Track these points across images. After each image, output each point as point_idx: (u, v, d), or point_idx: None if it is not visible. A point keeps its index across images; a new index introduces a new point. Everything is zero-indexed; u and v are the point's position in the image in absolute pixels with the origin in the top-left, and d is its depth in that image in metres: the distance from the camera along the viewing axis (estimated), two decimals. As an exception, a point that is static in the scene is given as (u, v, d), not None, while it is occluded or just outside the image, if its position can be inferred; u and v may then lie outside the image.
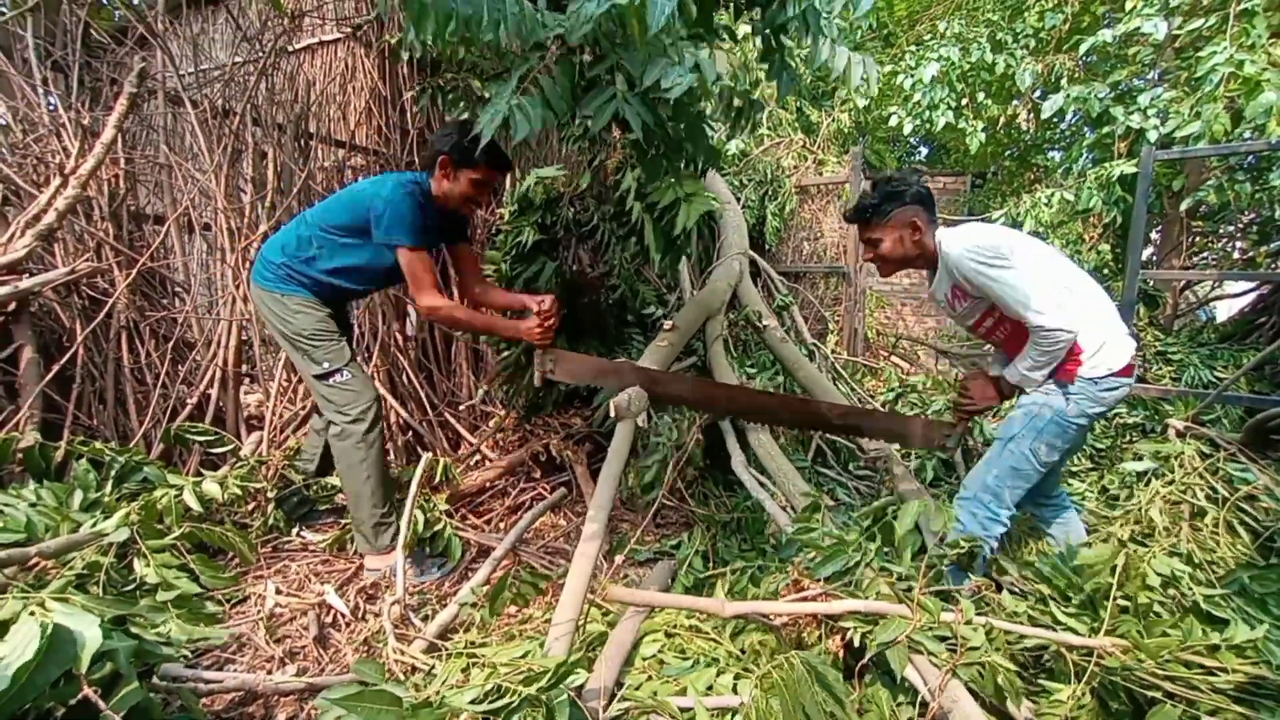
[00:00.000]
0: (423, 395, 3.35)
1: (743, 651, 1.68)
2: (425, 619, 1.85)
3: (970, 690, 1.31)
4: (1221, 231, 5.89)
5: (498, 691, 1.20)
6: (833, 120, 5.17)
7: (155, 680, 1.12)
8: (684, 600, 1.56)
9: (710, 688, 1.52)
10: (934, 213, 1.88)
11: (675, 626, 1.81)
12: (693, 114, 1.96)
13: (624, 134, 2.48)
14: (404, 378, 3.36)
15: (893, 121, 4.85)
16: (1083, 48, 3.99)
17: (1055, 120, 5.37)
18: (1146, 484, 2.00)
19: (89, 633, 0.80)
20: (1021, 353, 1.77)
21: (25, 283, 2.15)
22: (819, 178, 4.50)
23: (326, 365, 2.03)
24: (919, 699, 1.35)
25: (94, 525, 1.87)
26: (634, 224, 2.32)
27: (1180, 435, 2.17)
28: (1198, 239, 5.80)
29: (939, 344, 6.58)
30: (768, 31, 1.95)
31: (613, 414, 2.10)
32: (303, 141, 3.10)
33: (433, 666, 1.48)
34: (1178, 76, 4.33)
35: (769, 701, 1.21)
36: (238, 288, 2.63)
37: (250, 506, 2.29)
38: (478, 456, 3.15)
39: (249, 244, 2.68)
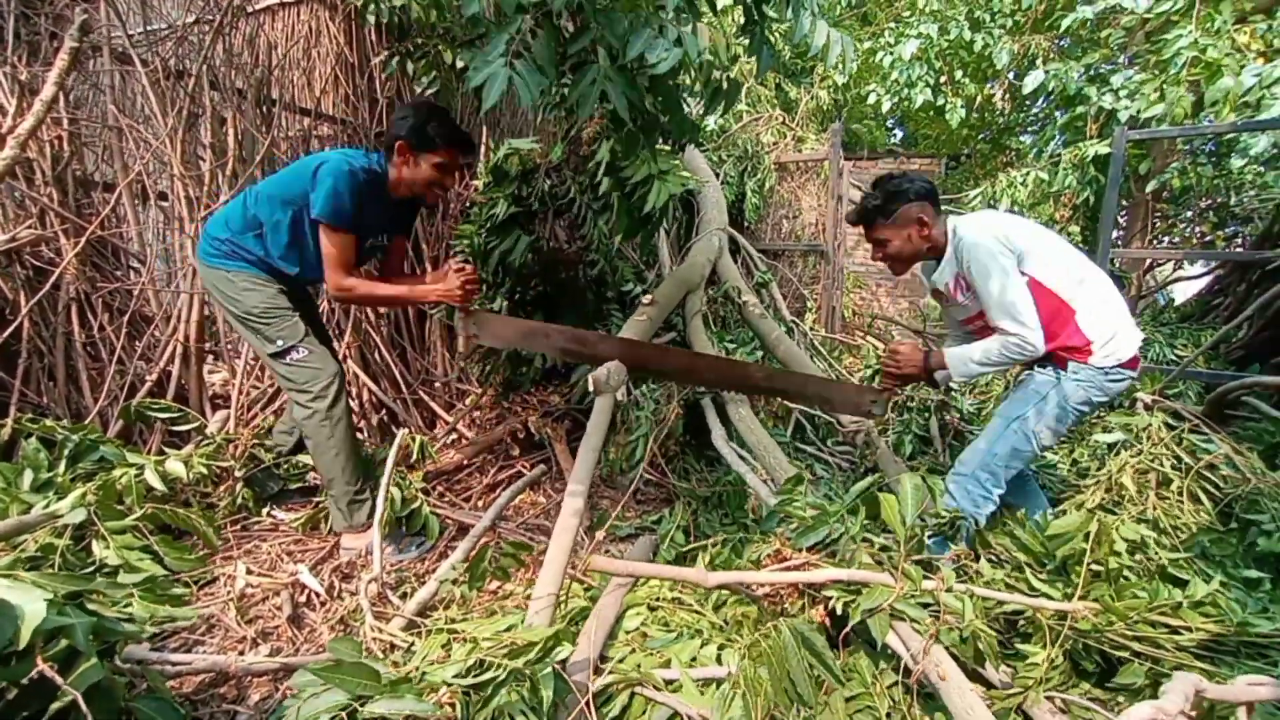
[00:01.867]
0: (396, 373, 3.27)
1: (725, 623, 1.69)
2: (404, 597, 1.81)
3: (950, 654, 1.33)
4: (1182, 215, 6.08)
5: (480, 666, 1.18)
6: (811, 97, 5.14)
7: (117, 661, 1.06)
8: (666, 570, 1.55)
9: (694, 659, 1.53)
10: (939, 204, 1.86)
11: (658, 600, 1.81)
12: (669, 87, 1.91)
13: (601, 104, 2.42)
14: (376, 355, 3.27)
15: (871, 99, 4.86)
16: (1065, 23, 4.01)
17: (1029, 102, 5.43)
18: (1116, 454, 2.05)
19: (31, 606, 0.75)
20: (979, 344, 1.76)
21: (-38, 250, 2.00)
22: (798, 155, 4.48)
23: (281, 343, 1.95)
24: (901, 665, 1.37)
25: (46, 506, 1.77)
26: (606, 198, 2.27)
27: (1148, 408, 2.23)
28: (1158, 223, 5.98)
29: (913, 324, 6.69)
30: (750, 3, 1.90)
31: (591, 388, 2.07)
32: (265, 108, 2.95)
33: (412, 643, 1.45)
34: (1148, 59, 4.41)
35: (756, 670, 1.21)
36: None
37: (218, 486, 2.21)
38: (454, 435, 3.10)
39: (209, 213, 2.54)
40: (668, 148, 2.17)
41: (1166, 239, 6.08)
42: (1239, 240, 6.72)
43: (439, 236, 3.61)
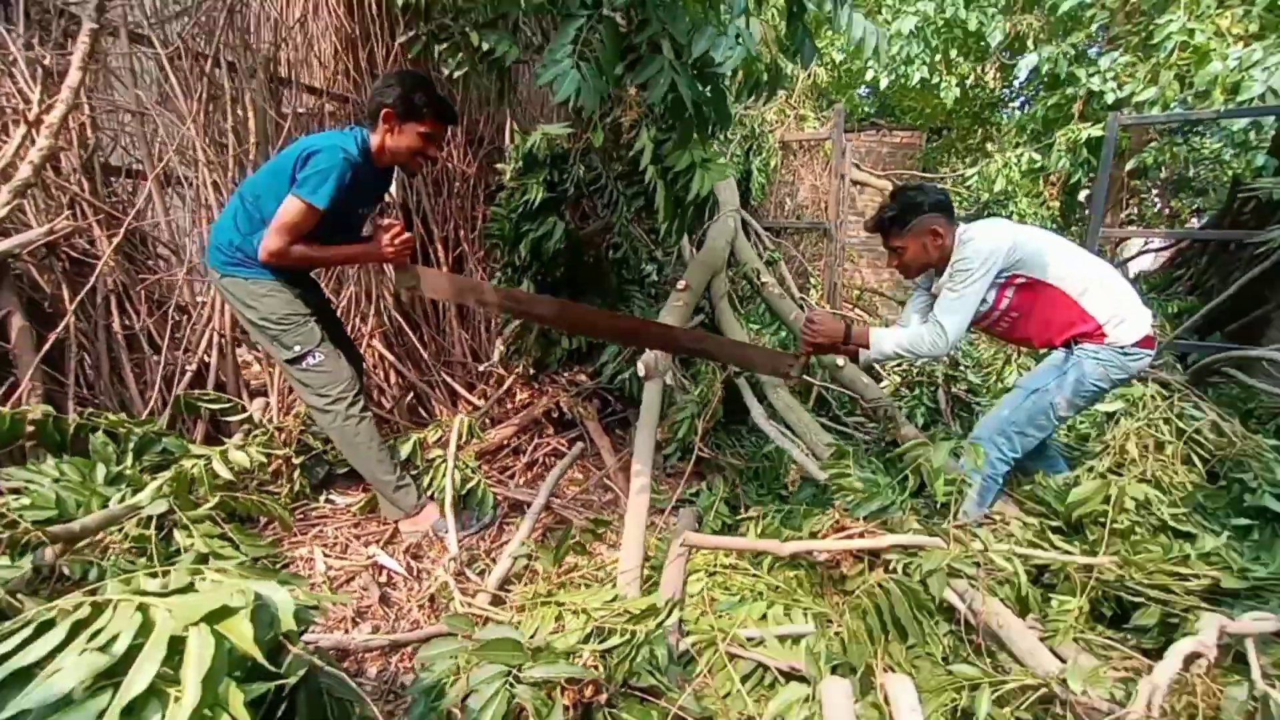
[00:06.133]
0: (421, 355, 3.30)
1: (780, 585, 1.86)
2: (480, 573, 1.92)
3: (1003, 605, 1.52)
4: (1149, 190, 6.39)
5: (602, 633, 1.30)
6: (809, 75, 5.19)
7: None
8: (748, 542, 1.69)
9: (764, 617, 1.69)
10: (952, 215, 1.98)
11: (715, 566, 1.96)
12: (718, 78, 1.97)
13: (639, 92, 2.45)
14: (399, 338, 3.29)
15: (869, 75, 4.94)
16: (1063, 6, 4.11)
17: (1015, 80, 5.59)
18: (1116, 423, 2.27)
19: (278, 596, 0.82)
20: (904, 332, 1.95)
21: (3, 244, 1.97)
22: (801, 134, 4.56)
23: (298, 349, 1.94)
24: (956, 615, 1.55)
25: (122, 499, 1.81)
26: (646, 186, 2.32)
27: (1142, 380, 2.45)
28: (1127, 198, 6.28)
29: (897, 295, 6.93)
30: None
31: (642, 373, 2.18)
32: (275, 86, 2.88)
33: (512, 616, 1.57)
34: (1129, 41, 4.59)
35: (856, 621, 1.37)
36: (230, 247, 2.48)
37: (272, 473, 2.25)
38: (484, 416, 3.17)
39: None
40: (706, 137, 2.23)
41: (1135, 213, 6.40)
42: (1195, 209, 7.12)
43: (446, 216, 3.60)
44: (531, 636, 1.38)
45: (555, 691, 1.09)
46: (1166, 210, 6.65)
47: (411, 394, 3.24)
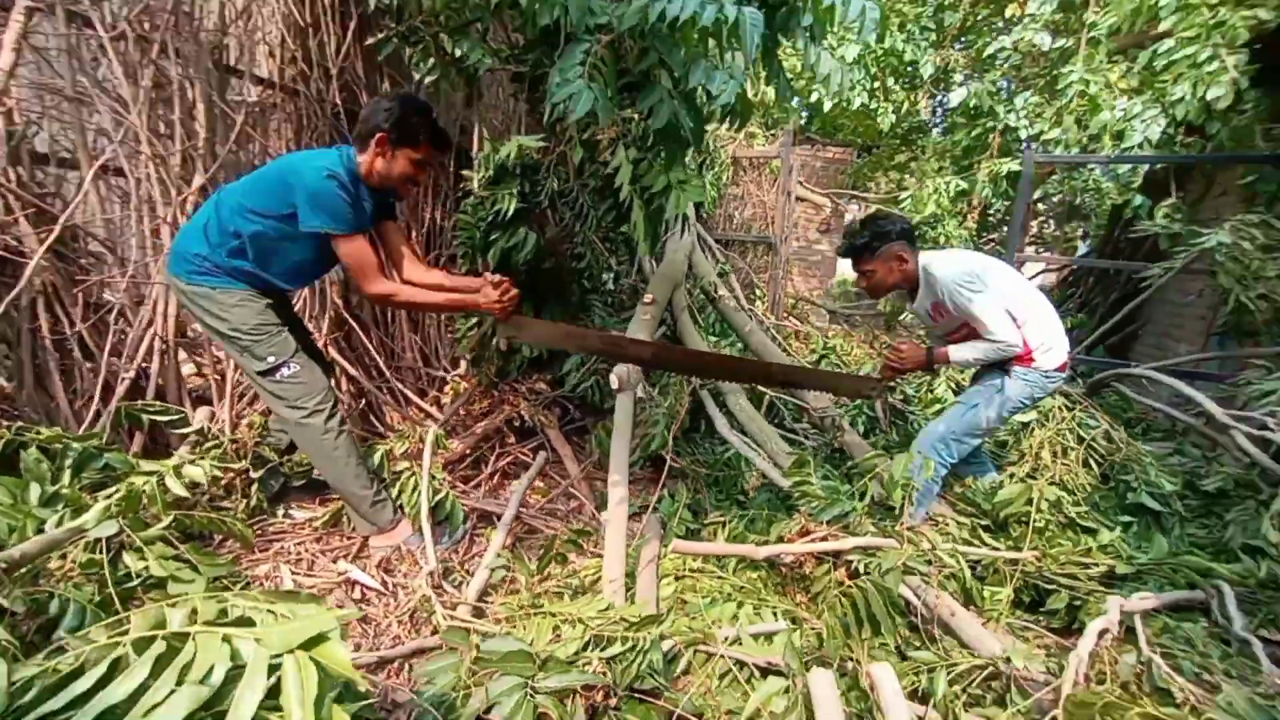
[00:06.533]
0: (372, 361, 3.22)
1: (744, 586, 1.99)
2: (457, 585, 1.93)
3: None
4: (1045, 217, 7.15)
5: (602, 640, 1.38)
6: (756, 94, 5.44)
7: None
8: (728, 547, 1.82)
9: (735, 616, 1.81)
10: (914, 243, 2.22)
11: (684, 570, 2.07)
12: (698, 104, 2.09)
13: (630, 114, 2.51)
14: (348, 341, 3.19)
15: (813, 98, 5.25)
16: (987, 51, 4.56)
17: (939, 109, 6.10)
18: (1031, 432, 2.58)
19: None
20: (980, 344, 2.16)
21: (-85, 240, 1.78)
22: (750, 150, 4.77)
23: (271, 359, 1.87)
24: (908, 608, 1.73)
25: (59, 521, 1.69)
26: (621, 203, 2.40)
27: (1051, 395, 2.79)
28: (1030, 222, 7.00)
29: (828, 305, 7.35)
30: (771, 35, 2.10)
31: (615, 386, 2.26)
32: (222, 76, 2.73)
33: (502, 628, 1.61)
34: (1036, 83, 5.13)
35: (833, 617, 1.51)
36: (174, 247, 2.34)
37: (224, 487, 2.15)
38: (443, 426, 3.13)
39: (184, 199, 2.38)
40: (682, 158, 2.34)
41: (1036, 234, 7.13)
42: (1082, 234, 8.04)
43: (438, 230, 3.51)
44: (544, 645, 1.43)
45: (572, 698, 1.15)
46: (1061, 234, 7.45)
47: (363, 401, 3.15)
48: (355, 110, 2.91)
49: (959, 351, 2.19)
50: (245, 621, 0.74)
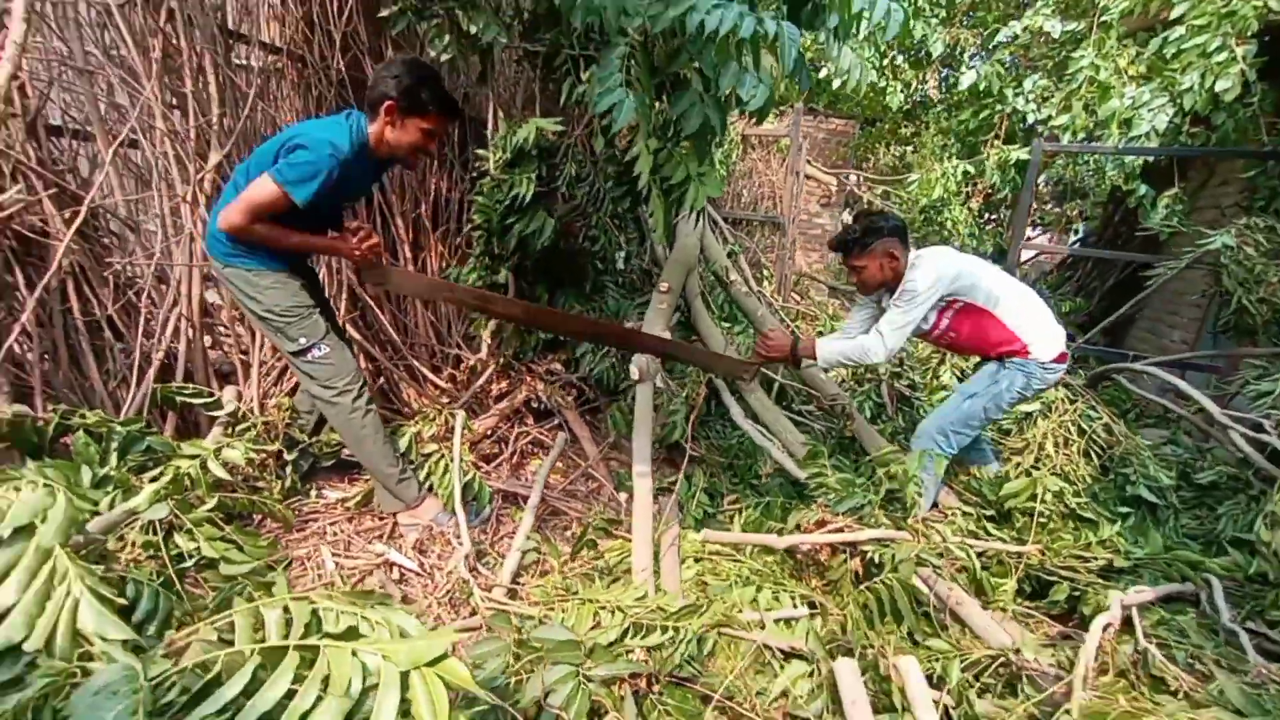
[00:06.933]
0: (388, 339, 3.23)
1: (761, 569, 2.09)
2: (491, 567, 2.02)
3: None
4: (1046, 199, 7.18)
5: (640, 629, 1.47)
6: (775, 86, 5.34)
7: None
8: (753, 537, 1.91)
9: (754, 600, 1.92)
10: (907, 240, 2.25)
11: (703, 553, 2.17)
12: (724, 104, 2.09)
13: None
14: (364, 319, 3.20)
15: (822, 74, 5.17)
16: (998, 37, 4.51)
17: (948, 90, 6.04)
18: (1034, 424, 2.68)
19: (411, 625, 0.91)
20: (850, 343, 2.25)
21: (-54, 223, 1.77)
22: (760, 128, 4.72)
23: (303, 341, 1.94)
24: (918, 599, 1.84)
25: (112, 503, 1.75)
26: (639, 192, 2.40)
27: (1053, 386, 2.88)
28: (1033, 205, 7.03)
29: (830, 281, 7.39)
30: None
31: (635, 376, 2.32)
32: (227, 40, 2.65)
33: (540, 611, 1.70)
34: (1045, 65, 5.09)
35: (855, 609, 1.61)
36: (197, 225, 2.33)
37: (258, 468, 2.20)
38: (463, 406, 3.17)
39: (202, 176, 2.35)
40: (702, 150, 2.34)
41: (1036, 217, 7.17)
42: (1081, 213, 8.09)
43: (405, 188, 3.46)
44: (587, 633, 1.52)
45: (619, 685, 1.24)
46: (1060, 214, 7.50)
47: (381, 379, 3.18)
48: (361, 78, 2.84)
49: (826, 346, 2.27)
50: (352, 633, 0.80)
